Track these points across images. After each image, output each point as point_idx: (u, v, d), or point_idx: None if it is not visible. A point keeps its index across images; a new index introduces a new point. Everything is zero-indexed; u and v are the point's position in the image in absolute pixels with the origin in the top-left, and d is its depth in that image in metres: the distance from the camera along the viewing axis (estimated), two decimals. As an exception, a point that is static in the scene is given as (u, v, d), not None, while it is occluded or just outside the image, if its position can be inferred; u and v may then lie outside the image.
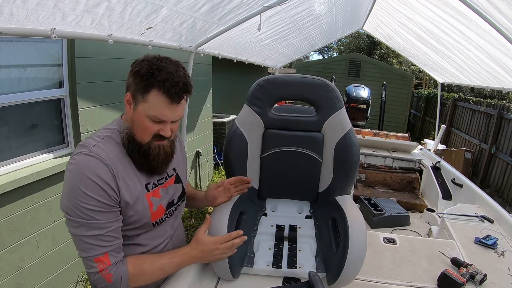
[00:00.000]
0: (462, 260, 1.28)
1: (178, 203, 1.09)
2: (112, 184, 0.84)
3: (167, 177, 1.03)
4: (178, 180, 1.09)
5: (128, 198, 0.88)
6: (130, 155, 0.91)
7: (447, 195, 2.51)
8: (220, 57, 3.29)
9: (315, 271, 1.13)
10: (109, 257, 0.84)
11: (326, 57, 18.16)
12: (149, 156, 0.91)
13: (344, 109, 1.36)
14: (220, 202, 1.20)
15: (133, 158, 0.91)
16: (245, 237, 1.05)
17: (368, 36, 12.08)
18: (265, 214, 1.44)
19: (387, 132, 3.68)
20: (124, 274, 0.86)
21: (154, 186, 0.98)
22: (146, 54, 0.89)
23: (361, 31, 6.65)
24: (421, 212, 2.51)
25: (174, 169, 1.07)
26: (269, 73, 10.02)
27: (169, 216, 1.04)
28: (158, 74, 0.83)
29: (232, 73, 7.12)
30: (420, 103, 9.47)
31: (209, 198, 1.21)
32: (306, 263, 1.16)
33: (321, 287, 0.89)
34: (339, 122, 1.34)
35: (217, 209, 1.17)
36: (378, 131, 3.74)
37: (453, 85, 7.87)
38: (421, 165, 3.01)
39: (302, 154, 1.39)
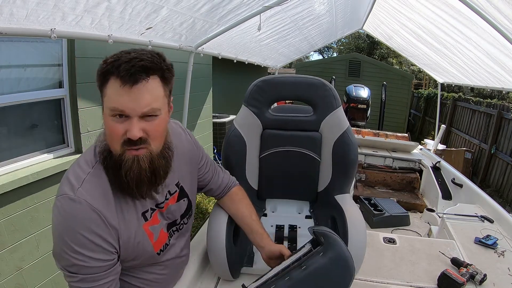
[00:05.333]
0: (462, 260, 1.28)
1: (182, 222, 0.94)
2: (104, 234, 0.72)
3: (168, 197, 0.87)
4: (182, 195, 0.93)
5: (126, 237, 0.78)
6: (107, 174, 0.76)
7: (447, 195, 2.50)
8: (220, 57, 3.29)
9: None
10: None
11: (326, 57, 18.14)
12: (120, 170, 0.73)
13: (341, 108, 1.36)
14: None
15: (109, 176, 0.76)
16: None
17: (368, 36, 12.08)
18: (265, 215, 1.45)
19: (387, 132, 3.67)
20: None
21: (152, 211, 0.83)
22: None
23: (361, 31, 6.65)
24: (421, 212, 2.51)
25: (177, 184, 0.91)
26: (269, 73, 10.02)
27: (170, 238, 0.91)
28: (111, 61, 0.70)
29: (232, 73, 7.11)
30: (420, 103, 9.46)
31: (267, 253, 1.01)
32: (306, 263, 1.16)
33: (329, 237, 0.84)
34: (337, 121, 1.34)
35: (216, 209, 1.17)
36: (378, 131, 3.73)
37: (453, 85, 7.87)
38: (421, 165, 3.01)
39: (300, 153, 1.39)
